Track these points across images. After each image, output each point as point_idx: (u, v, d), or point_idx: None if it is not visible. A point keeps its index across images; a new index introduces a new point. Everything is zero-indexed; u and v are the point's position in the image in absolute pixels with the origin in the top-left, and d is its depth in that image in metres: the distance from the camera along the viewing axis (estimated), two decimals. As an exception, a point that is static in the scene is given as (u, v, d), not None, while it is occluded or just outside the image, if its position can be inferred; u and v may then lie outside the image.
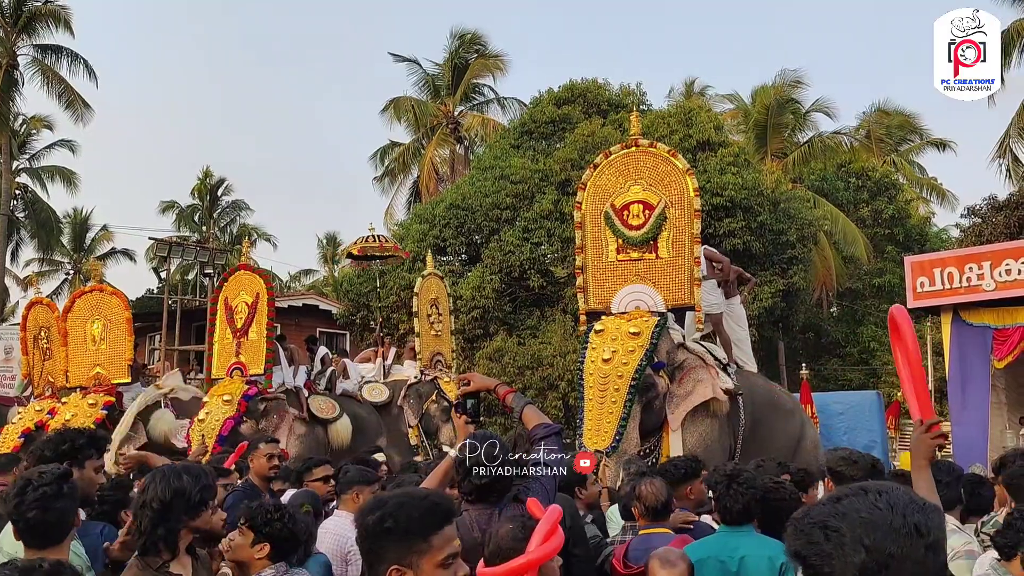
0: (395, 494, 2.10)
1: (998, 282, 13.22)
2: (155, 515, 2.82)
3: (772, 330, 21.12)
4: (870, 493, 1.27)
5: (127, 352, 12.10)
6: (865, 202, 27.03)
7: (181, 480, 2.90)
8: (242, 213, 38.63)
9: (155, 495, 2.84)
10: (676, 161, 8.46)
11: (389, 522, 1.93)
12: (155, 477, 2.92)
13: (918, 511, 1.24)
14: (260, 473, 5.20)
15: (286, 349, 12.28)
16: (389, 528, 1.93)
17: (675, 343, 8.11)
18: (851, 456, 4.23)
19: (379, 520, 1.94)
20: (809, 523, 1.26)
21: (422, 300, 13.86)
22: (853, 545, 1.19)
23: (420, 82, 29.42)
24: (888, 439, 16.92)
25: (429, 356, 13.71)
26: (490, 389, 3.64)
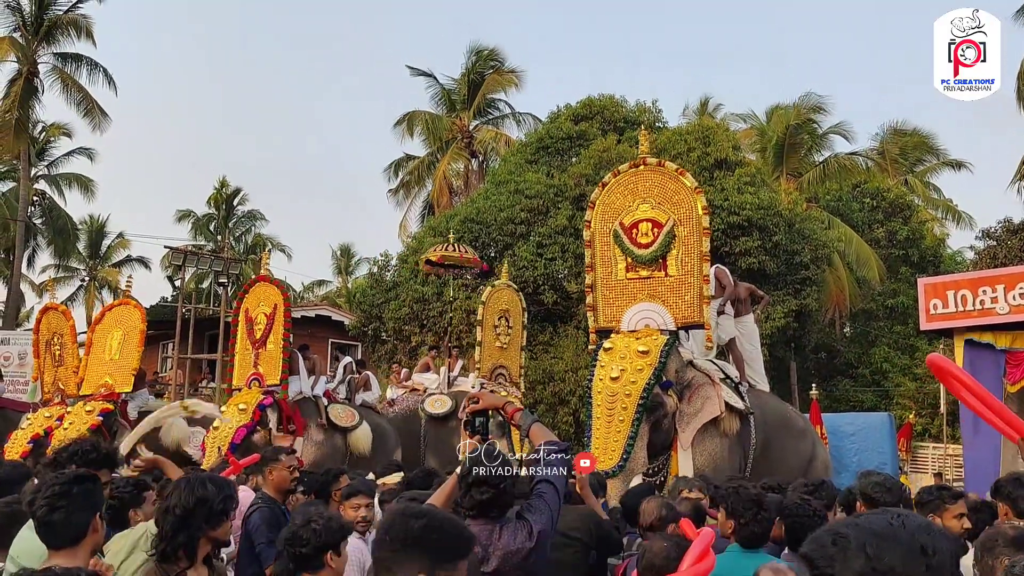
0: (438, 511, 2.18)
1: (1012, 305, 13.15)
2: (177, 521, 2.87)
3: (784, 350, 21.05)
4: (891, 513, 1.32)
5: (133, 362, 12.26)
6: (880, 223, 26.93)
7: (205, 489, 2.94)
8: (257, 223, 38.89)
9: (178, 502, 2.88)
10: (684, 179, 8.48)
11: (435, 535, 2.00)
12: (180, 484, 2.97)
13: (928, 533, 1.27)
14: (281, 486, 4.97)
15: (308, 359, 12.38)
16: (434, 540, 1.99)
17: (684, 361, 8.12)
18: (886, 483, 4.23)
19: (426, 528, 2.01)
20: (826, 532, 1.31)
21: (489, 310, 13.38)
22: (856, 551, 1.23)
23: (436, 96, 29.58)
24: (899, 461, 16.83)
25: (490, 368, 13.27)
26: (499, 407, 3.67)
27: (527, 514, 3.08)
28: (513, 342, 13.64)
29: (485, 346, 13.25)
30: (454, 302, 20.23)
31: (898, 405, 22.07)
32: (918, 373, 22.84)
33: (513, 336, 13.65)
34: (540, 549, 3.02)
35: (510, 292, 13.92)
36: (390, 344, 22.30)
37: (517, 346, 13.74)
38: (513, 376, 13.50)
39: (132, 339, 12.36)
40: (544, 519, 3.07)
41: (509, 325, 13.58)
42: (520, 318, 13.81)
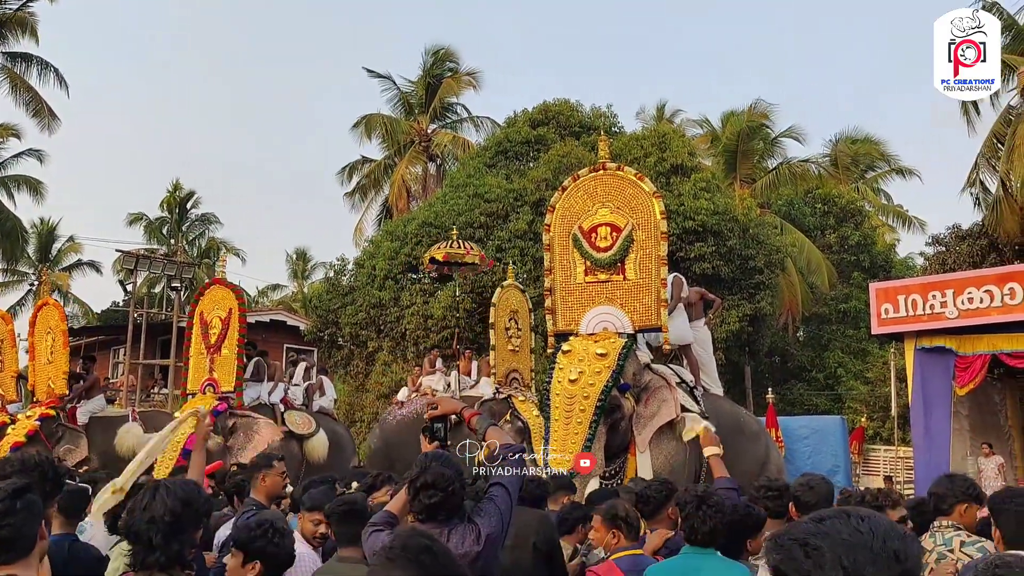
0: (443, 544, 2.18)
1: (961, 310, 13.41)
2: (169, 529, 2.78)
3: (739, 354, 21.28)
4: (853, 517, 1.29)
5: (64, 365, 12.09)
6: (832, 228, 27.39)
7: (186, 490, 2.88)
8: (211, 226, 38.42)
9: (165, 509, 2.79)
10: (643, 184, 8.56)
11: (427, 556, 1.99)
12: (158, 491, 2.87)
13: (898, 538, 1.26)
14: (273, 492, 4.92)
15: (268, 365, 12.28)
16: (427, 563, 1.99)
17: (642, 365, 8.17)
18: (810, 482, 4.28)
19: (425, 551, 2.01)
20: (790, 540, 1.27)
21: (499, 312, 12.72)
22: (832, 565, 1.21)
23: (394, 99, 29.49)
24: (852, 464, 17.08)
25: (504, 373, 12.54)
26: (457, 412, 3.68)
27: (476, 518, 3.08)
28: (524, 344, 13.01)
29: (498, 350, 12.62)
30: (411, 307, 20.15)
31: (850, 409, 22.42)
32: (870, 377, 23.24)
33: (523, 338, 13.03)
34: (488, 553, 3.02)
35: (517, 293, 13.33)
36: (346, 349, 22.17)
37: (527, 348, 13.12)
38: (526, 379, 12.89)
39: (59, 341, 12.19)
40: (493, 523, 3.07)
41: (519, 327, 12.97)
42: (528, 319, 13.19)
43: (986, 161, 20.77)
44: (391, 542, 2.06)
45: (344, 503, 4.19)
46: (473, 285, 19.48)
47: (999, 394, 14.92)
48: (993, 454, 13.61)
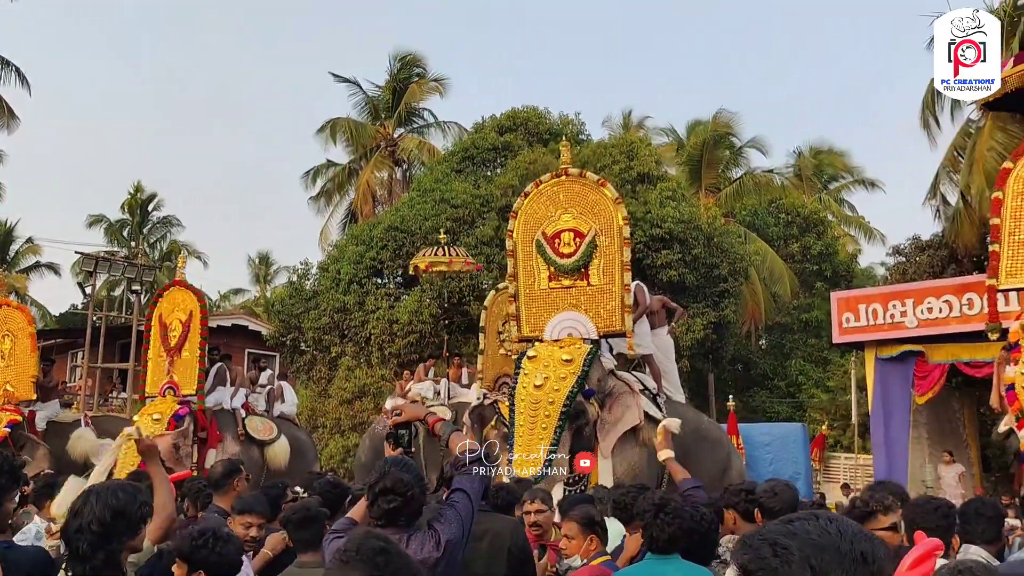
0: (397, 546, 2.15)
1: (920, 320, 13.63)
2: (96, 538, 2.69)
3: (703, 361, 21.40)
4: (821, 519, 1.29)
5: (31, 369, 11.81)
6: (795, 238, 27.67)
7: (119, 499, 2.77)
8: (173, 229, 37.90)
9: (93, 516, 2.70)
10: (605, 190, 8.60)
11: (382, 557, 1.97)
12: (89, 498, 2.77)
13: (865, 540, 1.26)
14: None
15: (231, 370, 12.14)
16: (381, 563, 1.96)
17: (606, 371, 8.19)
18: (775, 488, 4.28)
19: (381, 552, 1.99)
20: (759, 540, 1.27)
21: (492, 316, 12.45)
22: (800, 564, 1.20)
23: (360, 103, 29.37)
24: (812, 471, 17.23)
25: (494, 377, 12.18)
26: (421, 419, 3.66)
27: (437, 523, 3.06)
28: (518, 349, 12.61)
29: (488, 355, 12.30)
30: (376, 312, 20.03)
31: (812, 417, 22.63)
32: (831, 385, 23.49)
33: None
34: (448, 559, 3.00)
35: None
36: (309, 354, 21.99)
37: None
38: None
39: (23, 344, 11.90)
40: (454, 529, 3.04)
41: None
42: None
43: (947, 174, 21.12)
44: (345, 544, 2.03)
45: (300, 510, 4.13)
46: (439, 290, 19.41)
47: (958, 403, 15.16)
48: (954, 462, 13.78)
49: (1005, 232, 7.43)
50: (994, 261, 7.46)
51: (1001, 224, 7.48)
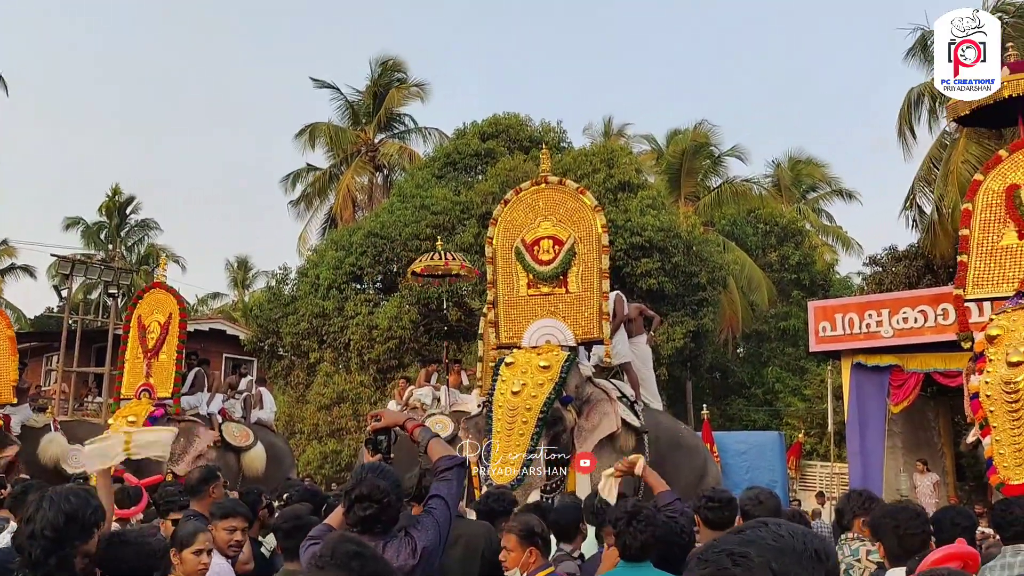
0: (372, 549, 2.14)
1: (896, 329, 13.74)
2: (48, 544, 2.65)
3: (681, 369, 21.49)
4: (770, 524, 1.30)
5: (11, 373, 11.70)
6: (773, 247, 27.87)
7: (71, 503, 2.74)
8: (151, 233, 37.63)
9: (46, 522, 2.66)
10: (585, 198, 8.64)
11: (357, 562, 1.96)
12: (41, 503, 2.74)
13: (816, 539, 1.27)
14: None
15: (209, 375, 12.08)
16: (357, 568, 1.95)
17: (584, 377, 8.21)
18: (759, 496, 4.31)
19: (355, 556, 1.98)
20: (715, 552, 1.26)
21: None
22: (762, 568, 1.20)
23: (341, 108, 29.32)
24: (788, 479, 17.32)
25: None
26: (401, 424, 3.64)
27: (413, 530, 3.04)
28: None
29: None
30: (355, 317, 19.98)
31: (788, 425, 22.75)
32: (808, 394, 23.64)
33: None
34: (425, 566, 2.99)
35: None
36: (287, 360, 21.89)
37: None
38: None
39: (2, 347, 11.79)
40: (430, 536, 3.03)
41: None
42: None
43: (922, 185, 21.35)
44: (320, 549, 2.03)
45: (290, 518, 4.11)
46: (419, 296, 19.39)
47: (933, 412, 15.29)
48: (928, 471, 13.89)
49: (974, 243, 7.52)
50: (962, 272, 7.55)
51: (970, 235, 7.57)
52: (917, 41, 20.88)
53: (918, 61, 21.04)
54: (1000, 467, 6.23)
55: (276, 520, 4.26)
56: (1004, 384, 6.29)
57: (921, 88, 20.19)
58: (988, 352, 6.60)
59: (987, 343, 6.67)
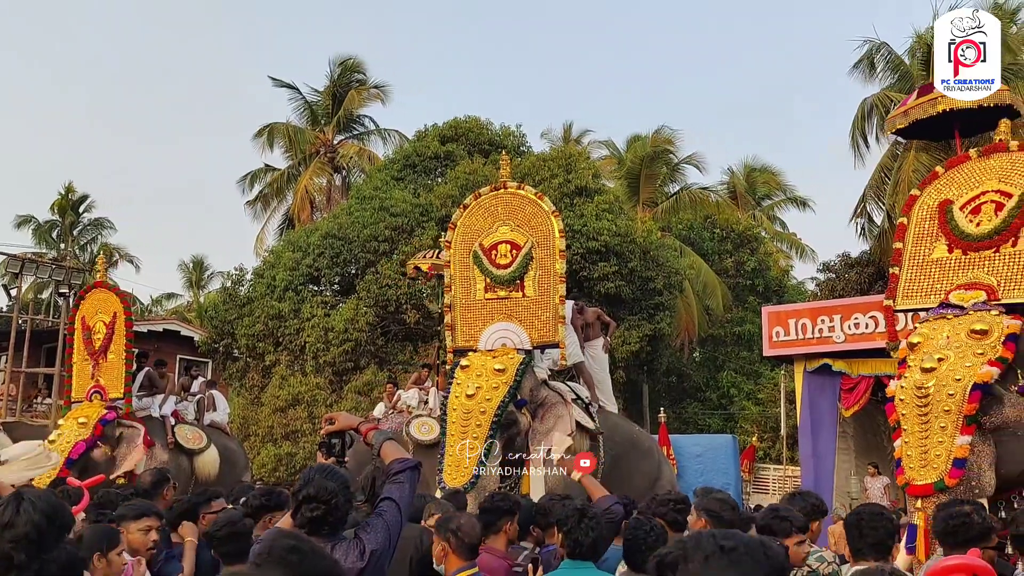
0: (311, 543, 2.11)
1: (847, 335, 13.96)
2: (32, 546, 2.56)
3: (638, 373, 21.63)
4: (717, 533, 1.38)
5: None
6: (729, 253, 28.19)
7: (47, 504, 2.66)
8: (104, 232, 37.02)
9: (29, 524, 2.57)
10: (542, 203, 8.72)
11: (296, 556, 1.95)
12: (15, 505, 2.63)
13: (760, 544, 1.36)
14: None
15: (164, 376, 11.94)
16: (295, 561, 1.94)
17: (539, 380, 8.25)
18: (728, 500, 4.36)
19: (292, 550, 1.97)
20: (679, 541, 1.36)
21: None
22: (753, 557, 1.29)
23: (300, 108, 29.10)
24: (742, 482, 17.51)
25: None
26: (355, 428, 3.62)
27: (362, 532, 3.03)
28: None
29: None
30: (311, 319, 19.83)
31: (742, 429, 23.00)
32: (761, 398, 23.93)
33: None
34: (373, 569, 2.97)
35: None
36: (242, 361, 21.67)
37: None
38: None
39: None
40: (380, 538, 3.02)
41: None
42: None
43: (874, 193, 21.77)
44: (258, 547, 2.02)
45: (224, 524, 4.09)
46: (377, 298, 19.31)
47: (883, 416, 15.54)
48: (879, 475, 14.11)
49: (906, 256, 7.70)
50: (893, 283, 7.73)
51: (903, 248, 7.75)
52: (864, 54, 21.34)
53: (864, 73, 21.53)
54: (907, 468, 6.42)
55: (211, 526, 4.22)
56: (916, 389, 6.48)
57: (874, 99, 20.59)
58: (908, 359, 6.79)
59: (908, 350, 6.85)
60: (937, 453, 6.28)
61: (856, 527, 3.72)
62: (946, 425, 6.30)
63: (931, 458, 6.30)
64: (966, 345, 6.54)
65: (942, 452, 6.26)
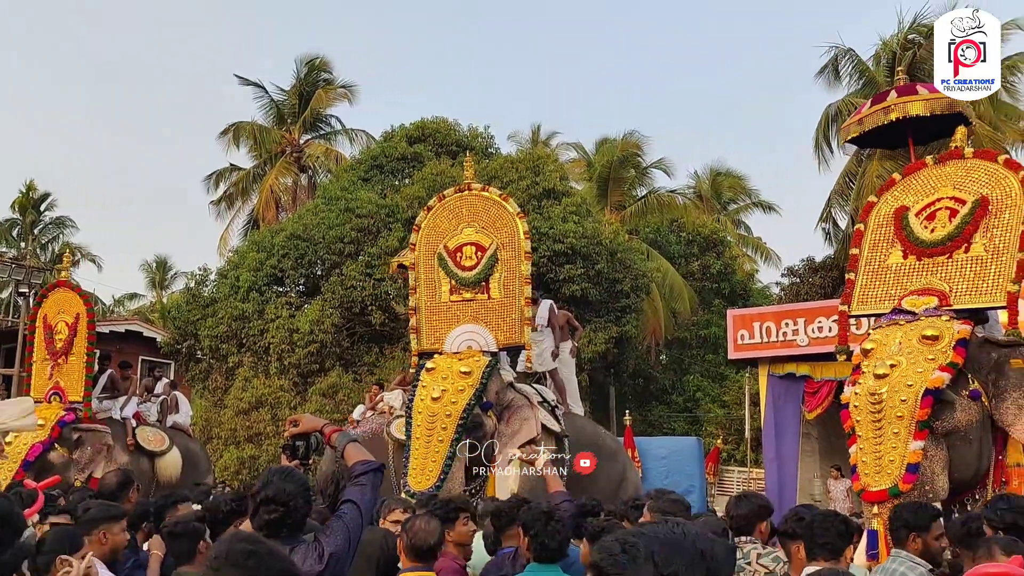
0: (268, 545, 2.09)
1: (811, 338, 14.10)
2: None
3: (604, 375, 21.69)
4: (670, 522, 1.41)
5: None
6: (695, 256, 28.39)
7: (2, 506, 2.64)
8: (66, 230, 36.49)
9: None
10: (508, 205, 8.71)
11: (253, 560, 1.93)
12: None
13: (707, 541, 1.38)
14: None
15: (127, 378, 11.80)
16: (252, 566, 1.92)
17: (505, 383, 8.23)
18: (683, 501, 4.39)
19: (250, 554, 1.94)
20: (612, 540, 1.37)
21: None
22: (645, 558, 1.30)
23: (266, 107, 28.82)
24: (707, 484, 17.61)
25: None
26: (319, 430, 3.60)
27: (321, 536, 2.99)
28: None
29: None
30: (275, 320, 19.66)
31: (707, 431, 23.15)
32: (726, 401, 24.11)
33: None
34: (332, 572, 2.93)
35: None
36: (205, 363, 21.43)
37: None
38: None
39: None
40: (339, 541, 2.97)
41: None
42: None
43: (838, 198, 22.04)
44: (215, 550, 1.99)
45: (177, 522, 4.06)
46: (342, 300, 19.18)
47: (846, 419, 15.70)
48: (842, 477, 14.24)
49: (862, 262, 7.78)
50: (849, 288, 7.81)
51: (860, 254, 7.83)
52: (830, 60, 21.61)
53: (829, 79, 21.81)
54: (862, 474, 6.46)
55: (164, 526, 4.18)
56: (870, 395, 6.53)
57: (838, 105, 20.84)
58: (862, 364, 6.86)
59: (862, 356, 6.92)
60: (891, 459, 6.34)
61: (809, 529, 3.75)
62: (899, 431, 6.35)
63: (885, 464, 6.35)
64: (918, 351, 6.60)
65: (896, 457, 6.31)
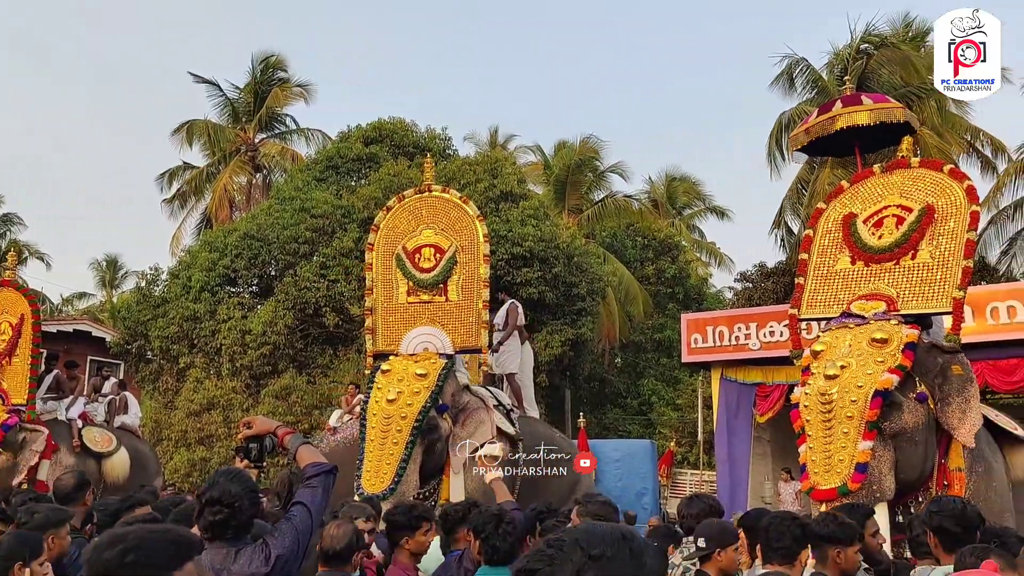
0: (135, 528, 1.97)
1: (763, 342, 14.29)
2: None
3: (560, 378, 21.72)
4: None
5: None
6: (650, 260, 28.59)
7: None
8: (14, 228, 35.62)
9: None
10: (467, 207, 8.69)
11: (131, 556, 1.82)
12: None
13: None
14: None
15: (75, 378, 11.56)
16: (131, 563, 1.82)
17: (460, 385, 8.21)
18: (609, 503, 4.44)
19: (121, 554, 1.83)
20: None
21: None
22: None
23: (220, 105, 28.42)
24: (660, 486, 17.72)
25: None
26: (272, 432, 3.58)
27: (269, 537, 2.96)
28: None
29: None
30: (228, 321, 19.41)
31: (661, 434, 23.30)
32: (680, 404, 24.29)
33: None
34: (279, 575, 2.90)
35: None
36: (155, 364, 21.09)
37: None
38: None
39: None
40: (287, 543, 2.94)
41: None
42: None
43: (791, 205, 22.35)
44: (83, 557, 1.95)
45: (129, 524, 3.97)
46: (296, 301, 18.99)
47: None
48: (792, 480, 14.41)
49: (811, 267, 7.93)
50: (798, 293, 7.95)
51: (808, 260, 7.97)
52: (784, 69, 21.93)
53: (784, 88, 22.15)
54: (812, 473, 6.58)
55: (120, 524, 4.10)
56: (820, 396, 6.65)
57: (791, 113, 21.14)
58: (812, 366, 6.98)
59: (812, 358, 7.04)
60: (840, 458, 6.45)
61: (764, 532, 3.78)
62: (849, 431, 6.47)
63: (835, 463, 6.47)
64: (867, 353, 6.73)
65: (845, 457, 6.43)
